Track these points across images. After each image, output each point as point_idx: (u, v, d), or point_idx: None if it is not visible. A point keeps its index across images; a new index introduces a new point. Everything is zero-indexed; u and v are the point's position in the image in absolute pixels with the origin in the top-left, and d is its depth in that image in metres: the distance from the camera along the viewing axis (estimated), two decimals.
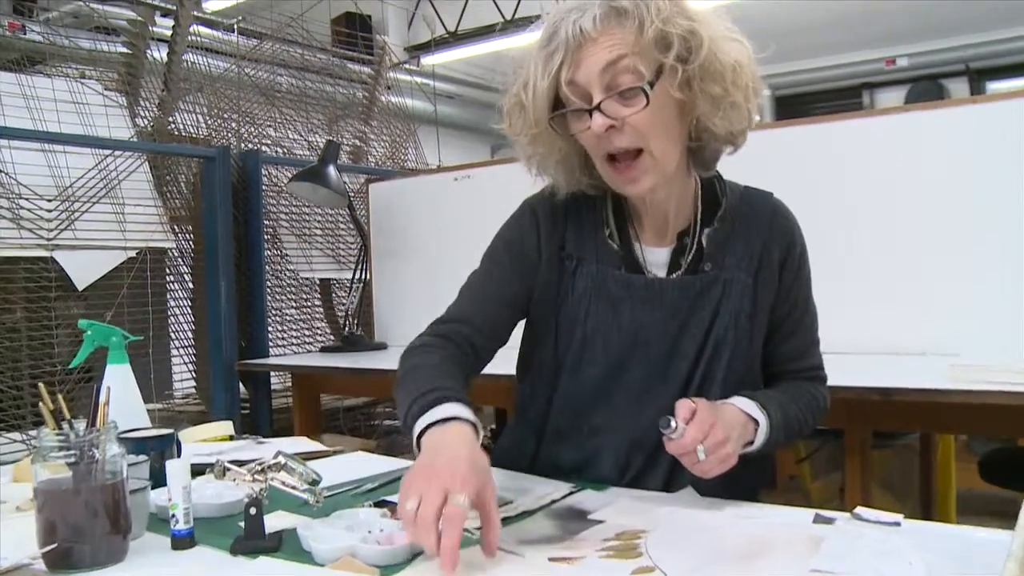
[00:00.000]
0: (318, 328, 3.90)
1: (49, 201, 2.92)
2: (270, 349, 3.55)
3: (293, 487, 1.14)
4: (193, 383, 3.42)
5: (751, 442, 1.24)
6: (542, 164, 1.34)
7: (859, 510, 1.13)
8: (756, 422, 1.25)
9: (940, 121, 2.41)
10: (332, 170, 3.22)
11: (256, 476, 1.12)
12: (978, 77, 7.77)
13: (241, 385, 3.41)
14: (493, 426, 4.22)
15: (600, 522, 1.13)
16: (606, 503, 1.22)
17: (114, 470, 1.07)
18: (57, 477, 1.05)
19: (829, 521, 1.09)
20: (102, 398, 1.14)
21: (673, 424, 1.13)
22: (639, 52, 1.17)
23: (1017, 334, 2.24)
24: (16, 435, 2.79)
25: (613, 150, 1.22)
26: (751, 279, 1.33)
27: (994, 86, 7.66)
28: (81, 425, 1.12)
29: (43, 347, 2.92)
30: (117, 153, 3.13)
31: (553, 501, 1.24)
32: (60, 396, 1.13)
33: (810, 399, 1.39)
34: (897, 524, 1.07)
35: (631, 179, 1.23)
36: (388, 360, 3.06)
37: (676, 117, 1.24)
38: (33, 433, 2.81)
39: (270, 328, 3.57)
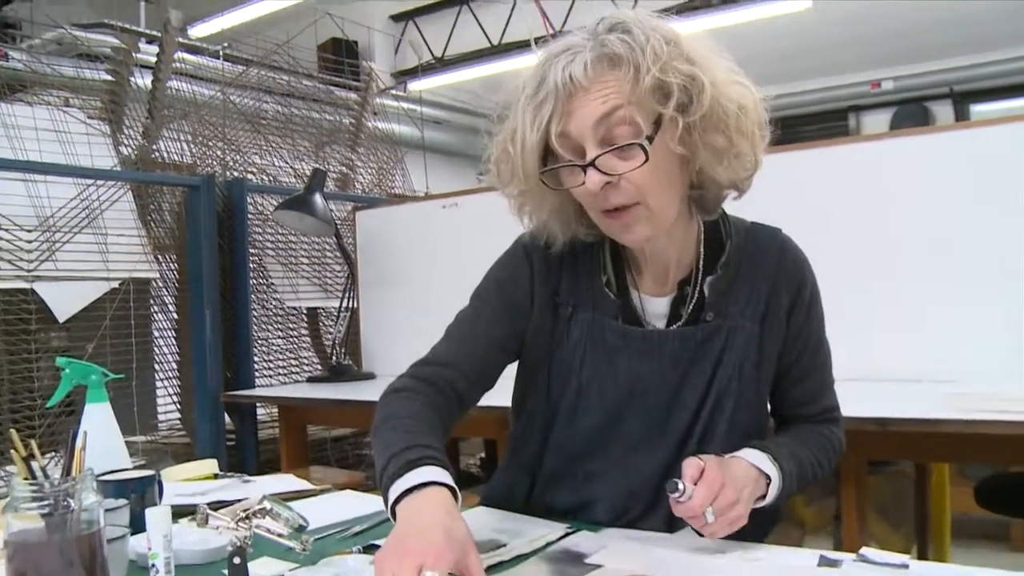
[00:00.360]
0: (305, 358, 3.85)
1: (29, 232, 2.88)
2: (256, 379, 3.50)
3: (279, 534, 1.10)
4: (178, 415, 3.37)
5: (763, 495, 1.18)
6: (534, 215, 1.26)
7: (865, 551, 1.09)
8: (768, 477, 1.18)
9: (929, 146, 2.40)
10: (318, 198, 3.19)
11: (240, 523, 1.07)
12: (962, 100, 7.81)
13: (227, 416, 3.36)
14: (482, 454, 4.18)
15: (598, 566, 1.09)
16: (602, 545, 1.17)
17: (90, 519, 1.02)
18: (30, 527, 1.01)
19: (835, 564, 1.05)
20: (78, 444, 1.09)
21: (681, 487, 1.08)
22: (635, 102, 1.09)
23: (1013, 360, 2.22)
24: None
25: (609, 207, 1.14)
26: (757, 326, 1.26)
27: (978, 109, 7.71)
28: (57, 472, 1.07)
29: (23, 380, 2.87)
30: (100, 182, 3.08)
31: (548, 544, 1.20)
32: (34, 442, 1.08)
33: (824, 443, 1.32)
34: (905, 567, 1.04)
35: (626, 226, 1.16)
36: (376, 390, 3.00)
37: (676, 168, 1.16)
38: (12, 469, 2.74)
39: (256, 358, 3.53)
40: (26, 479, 1.04)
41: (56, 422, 2.82)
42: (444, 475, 1.04)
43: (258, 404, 3.44)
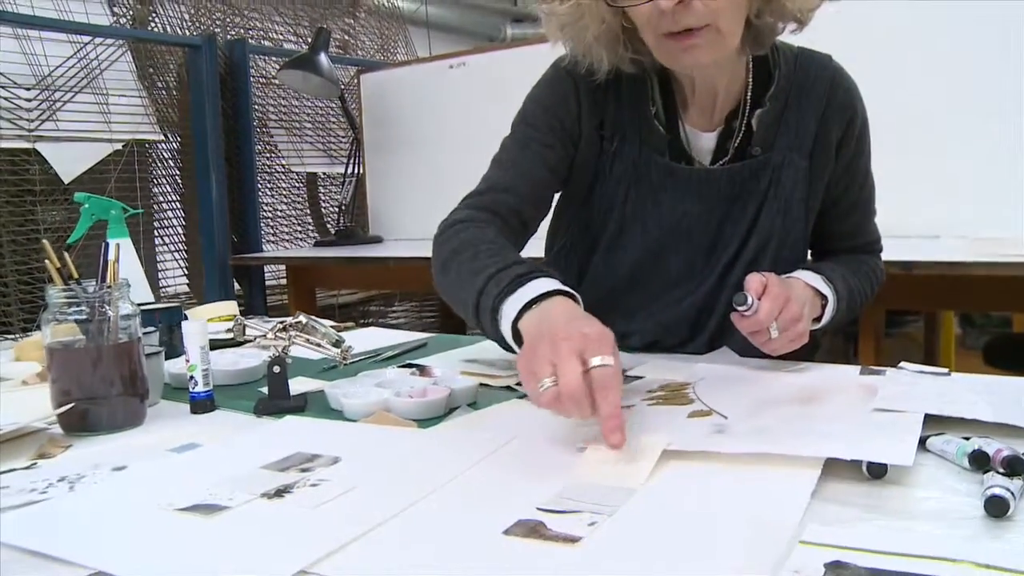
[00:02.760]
0: (310, 223, 3.82)
1: (28, 90, 2.80)
2: (262, 245, 3.47)
3: (318, 345, 1.09)
4: (185, 280, 3.35)
5: (818, 318, 1.16)
6: (577, 38, 1.15)
7: (904, 364, 1.09)
8: (823, 296, 1.15)
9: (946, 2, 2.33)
10: (324, 58, 3.10)
11: (278, 335, 1.06)
12: None
13: (235, 283, 3.34)
14: None
15: (639, 377, 1.09)
16: (640, 362, 1.17)
17: (128, 330, 1.01)
18: (69, 338, 1.00)
19: (878, 372, 1.05)
20: (111, 255, 1.07)
21: (749, 300, 1.03)
22: None
23: None
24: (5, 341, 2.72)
25: (677, 28, 1.02)
26: (805, 160, 1.21)
27: None
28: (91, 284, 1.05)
29: (29, 243, 2.84)
30: (97, 41, 2.99)
31: None
32: (67, 254, 1.07)
33: (868, 272, 1.29)
34: (947, 374, 1.04)
35: (689, 48, 1.03)
36: (384, 252, 3.00)
37: None
38: (29, 335, 2.74)
39: (261, 224, 3.49)
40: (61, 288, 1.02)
41: None
42: (562, 285, 0.93)
43: (265, 269, 3.42)
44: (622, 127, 1.22)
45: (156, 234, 3.30)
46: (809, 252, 1.34)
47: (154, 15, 3.39)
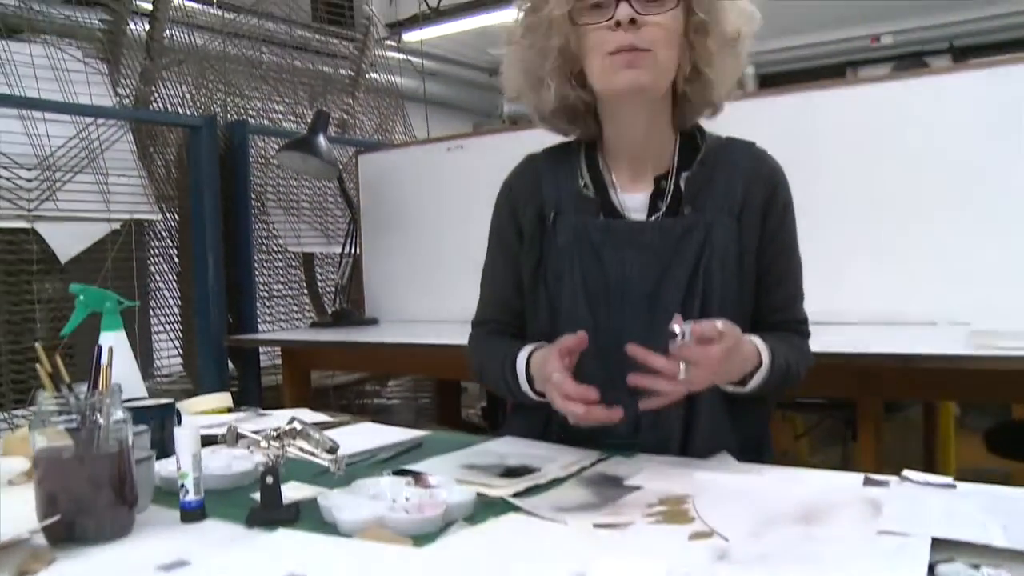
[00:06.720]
0: (306, 304, 3.81)
1: (29, 170, 2.81)
2: (258, 326, 3.46)
3: (312, 453, 1.07)
4: (180, 360, 3.33)
5: (744, 381, 1.20)
6: (533, 74, 1.30)
7: (907, 473, 1.07)
8: (760, 362, 1.20)
9: (937, 89, 2.36)
10: (322, 140, 3.12)
11: (272, 442, 1.05)
12: (962, 55, 7.71)
13: (229, 363, 3.32)
14: (484, 404, 4.16)
15: (638, 488, 1.07)
16: (638, 469, 1.15)
17: (119, 436, 1.00)
18: (57, 445, 0.98)
19: (882, 484, 1.04)
20: (103, 359, 1.06)
21: (678, 330, 1.07)
22: None
23: None
24: None
25: (626, 45, 1.19)
26: (735, 221, 1.28)
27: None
28: (82, 390, 1.04)
29: (24, 321, 2.82)
30: (100, 122, 3.02)
31: (582, 468, 1.18)
32: (59, 357, 1.05)
33: (798, 351, 1.32)
34: (952, 486, 1.02)
35: (631, 63, 1.20)
36: (381, 335, 2.99)
37: (679, 43, 1.24)
38: (17, 412, 2.71)
39: (257, 304, 3.48)
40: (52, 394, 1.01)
41: None
42: (528, 351, 1.30)
43: (261, 350, 3.40)
44: (558, 203, 1.35)
45: (152, 312, 3.29)
46: None
47: (156, 94, 3.43)
